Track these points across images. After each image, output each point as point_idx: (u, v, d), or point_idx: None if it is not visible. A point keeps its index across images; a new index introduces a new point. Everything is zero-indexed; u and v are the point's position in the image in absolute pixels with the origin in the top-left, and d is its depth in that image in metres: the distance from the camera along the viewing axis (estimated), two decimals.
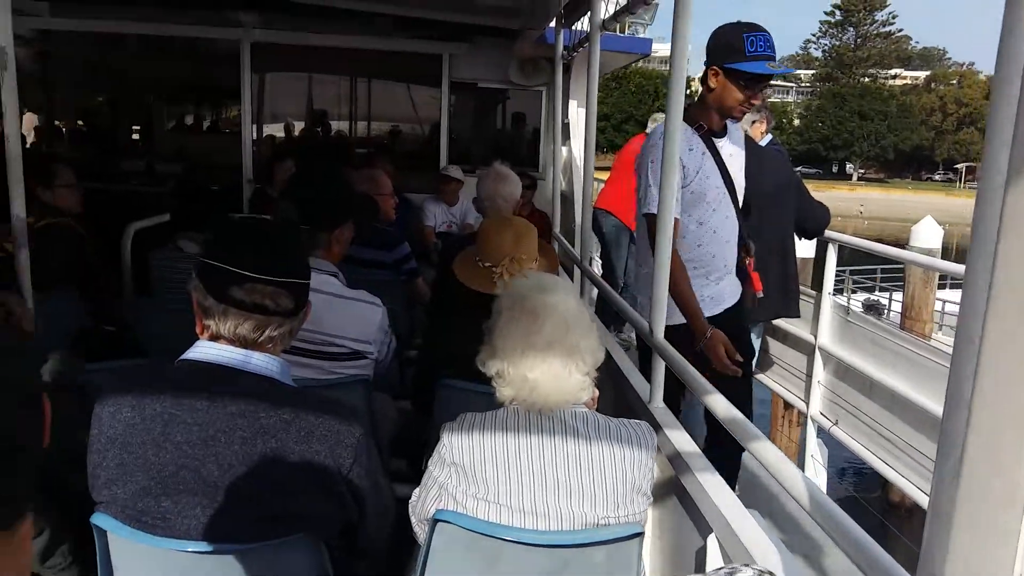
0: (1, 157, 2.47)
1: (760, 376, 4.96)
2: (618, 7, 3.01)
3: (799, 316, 4.16)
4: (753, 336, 3.73)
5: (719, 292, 2.82)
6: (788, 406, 6.17)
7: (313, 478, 1.45)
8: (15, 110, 2.51)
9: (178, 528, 1.42)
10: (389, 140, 7.50)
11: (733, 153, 2.79)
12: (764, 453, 1.51)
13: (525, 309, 1.54)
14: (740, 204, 2.81)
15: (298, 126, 7.65)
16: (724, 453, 2.41)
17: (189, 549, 1.41)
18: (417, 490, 1.73)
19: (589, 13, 3.21)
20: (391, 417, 2.77)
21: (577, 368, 1.52)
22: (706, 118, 2.68)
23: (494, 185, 3.16)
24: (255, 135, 6.20)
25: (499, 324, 1.57)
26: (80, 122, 11.16)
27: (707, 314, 2.64)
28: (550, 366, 1.50)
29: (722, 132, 2.75)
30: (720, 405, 1.68)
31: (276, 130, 7.49)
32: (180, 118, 11.34)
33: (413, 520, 1.75)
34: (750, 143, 3.39)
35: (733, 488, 2.06)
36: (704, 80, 2.64)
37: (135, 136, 10.73)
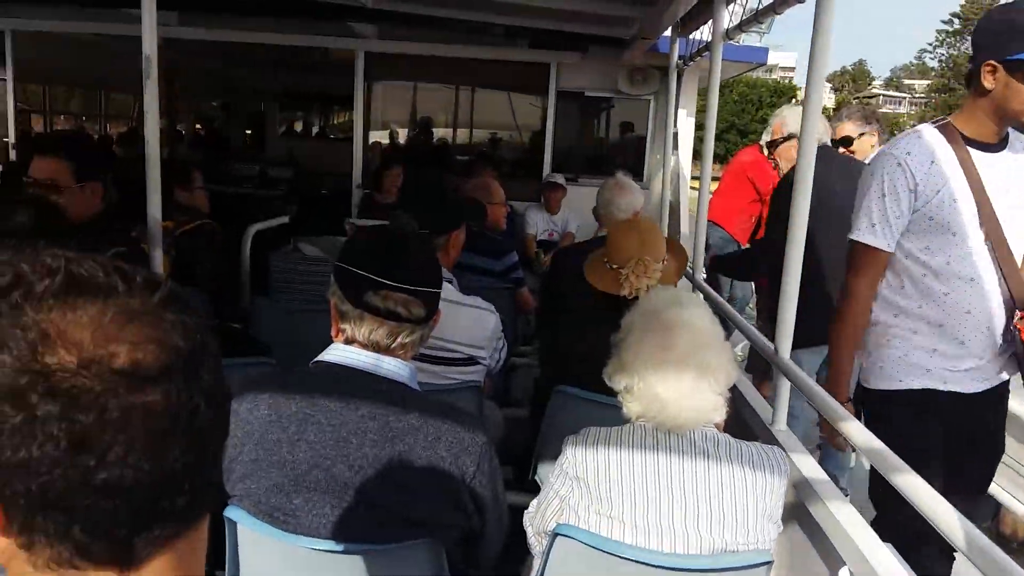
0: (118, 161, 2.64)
1: None
2: (743, 16, 2.93)
3: None
4: None
5: (976, 364, 2.14)
6: None
7: (438, 484, 1.46)
8: (155, 116, 2.65)
9: (307, 525, 1.45)
10: (489, 147, 7.58)
11: (1009, 173, 2.09)
12: (910, 485, 1.42)
13: (658, 324, 1.51)
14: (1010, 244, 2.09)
15: (404, 133, 7.81)
16: None
17: (316, 547, 1.44)
18: (535, 501, 1.72)
19: (711, 22, 3.14)
20: (498, 424, 2.78)
21: (710, 387, 1.48)
22: (975, 126, 2.06)
23: (611, 194, 3.14)
24: (364, 142, 6.35)
25: (629, 338, 1.54)
26: (198, 126, 11.76)
27: (952, 388, 2.11)
28: (682, 384, 1.46)
29: (998, 145, 2.10)
30: (858, 434, 1.60)
31: (381, 137, 7.66)
32: (290, 124, 11.81)
33: (529, 531, 1.74)
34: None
35: None
36: (971, 81, 2.09)
37: (248, 141, 11.23)
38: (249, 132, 11.35)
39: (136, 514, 0.63)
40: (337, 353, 1.53)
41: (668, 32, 4.39)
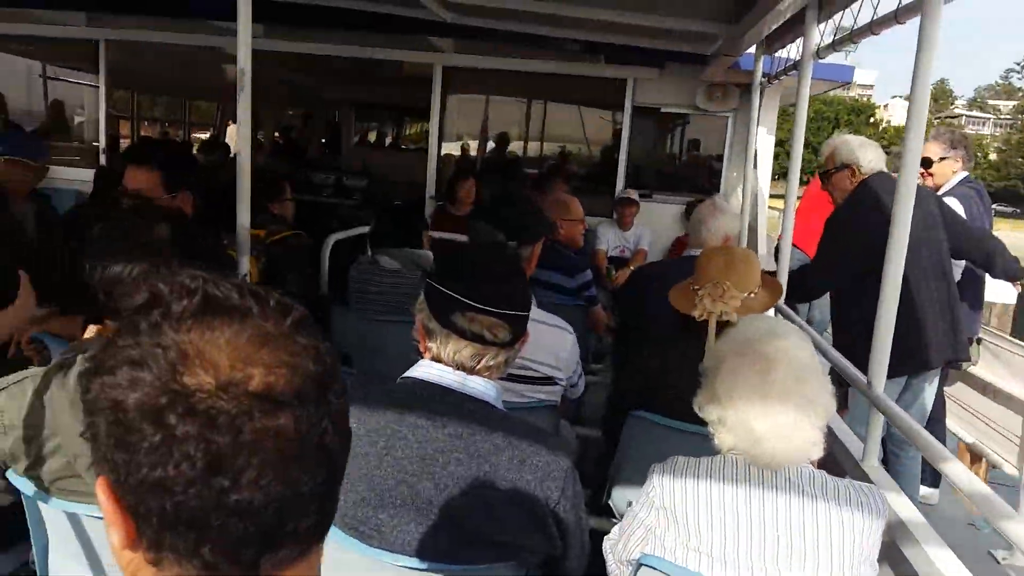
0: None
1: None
2: (835, 35, 2.85)
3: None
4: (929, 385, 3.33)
5: None
6: (975, 457, 5.63)
7: (522, 507, 1.44)
8: (248, 127, 2.72)
9: (391, 541, 1.44)
10: (560, 161, 7.58)
11: None
12: (1018, 533, 1.35)
13: (755, 355, 1.46)
14: None
15: (476, 145, 7.86)
16: None
17: (399, 563, 1.44)
18: (616, 528, 1.69)
19: (799, 40, 3.07)
20: (572, 444, 2.75)
21: (809, 423, 1.42)
22: None
23: (703, 215, 3.09)
24: (438, 153, 6.42)
25: (722, 368, 1.50)
26: (276, 135, 12.07)
27: None
28: (780, 419, 1.41)
29: None
30: (962, 475, 1.52)
31: (455, 149, 7.73)
32: (364, 134, 12.03)
33: (610, 559, 1.70)
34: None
35: None
36: None
37: (323, 150, 11.48)
38: (324, 142, 11.61)
39: (264, 535, 0.64)
40: (424, 370, 1.54)
41: (751, 49, 4.31)
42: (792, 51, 3.68)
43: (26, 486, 1.57)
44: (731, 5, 3.67)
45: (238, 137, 2.70)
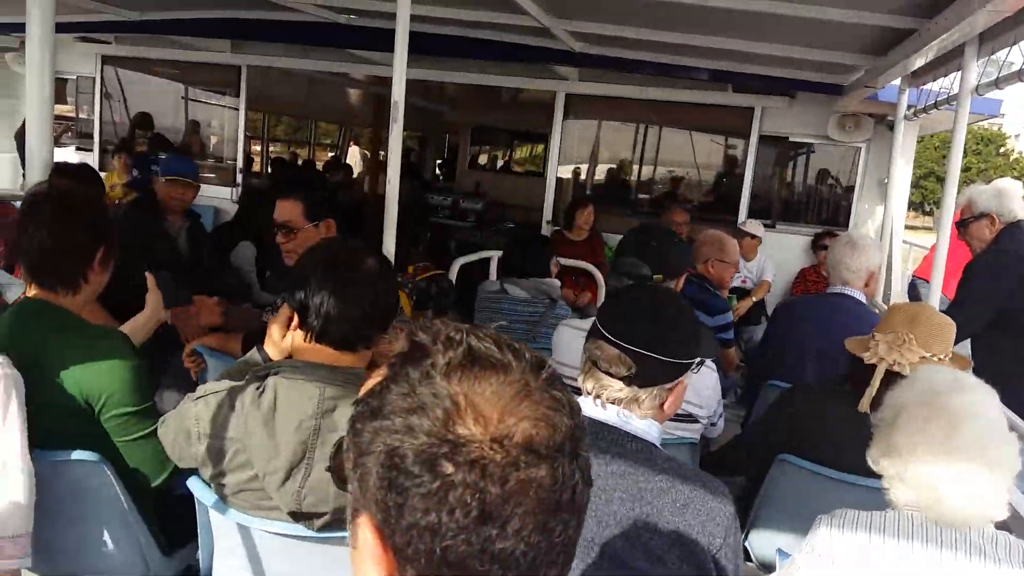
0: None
1: None
2: (1000, 72, 2.71)
3: None
4: None
5: None
6: None
7: (684, 551, 1.43)
8: (398, 156, 2.83)
9: None
10: (679, 189, 7.50)
11: None
12: None
13: (939, 408, 1.40)
14: None
15: (592, 170, 7.87)
16: None
17: None
18: None
19: (957, 74, 2.94)
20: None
21: (996, 484, 1.35)
22: None
23: (841, 253, 2.97)
24: (557, 179, 6.47)
25: (901, 419, 1.45)
26: None
27: None
28: (966, 478, 1.34)
29: None
30: None
31: (569, 173, 7.75)
32: (475, 157, 12.27)
33: None
34: None
35: None
36: None
37: (440, 172, 11.78)
38: (440, 163, 11.92)
39: None
40: (587, 407, 1.54)
41: (897, 82, 4.17)
42: (941, 83, 3.53)
43: (207, 495, 1.67)
44: (878, 37, 3.56)
45: (389, 167, 2.80)
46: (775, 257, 5.73)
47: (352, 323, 1.65)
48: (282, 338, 1.77)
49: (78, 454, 1.77)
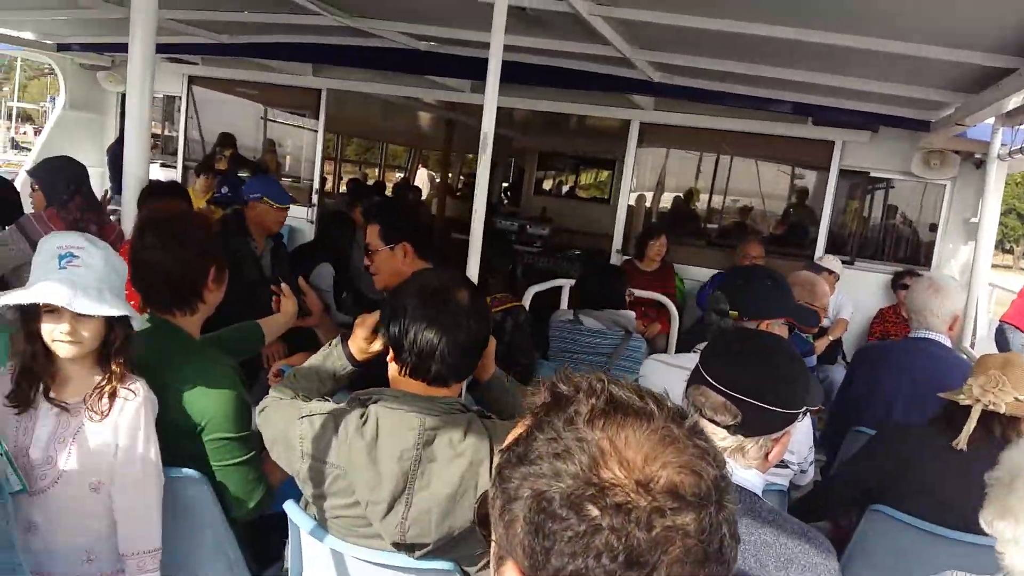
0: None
1: None
2: None
3: None
4: None
5: None
6: None
7: None
8: (486, 186, 2.86)
9: None
10: (741, 219, 7.40)
11: None
12: None
13: None
14: None
15: (662, 199, 7.83)
16: None
17: None
18: None
19: None
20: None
21: None
22: None
23: (924, 297, 2.88)
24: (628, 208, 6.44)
25: (1020, 482, 1.38)
26: (462, 177, 12.59)
27: None
28: None
29: None
30: None
31: (642, 202, 7.71)
32: (540, 182, 12.32)
33: None
34: None
35: None
36: None
37: (506, 197, 11.85)
38: (506, 188, 11.98)
39: None
40: None
41: (992, 120, 4.05)
42: None
43: (304, 520, 1.69)
44: (973, 75, 3.47)
45: (476, 198, 2.83)
46: (852, 295, 5.59)
47: (445, 361, 1.65)
48: (368, 344, 1.79)
49: (183, 472, 1.82)
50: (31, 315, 1.60)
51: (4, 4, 5.55)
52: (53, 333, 1.60)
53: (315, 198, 7.24)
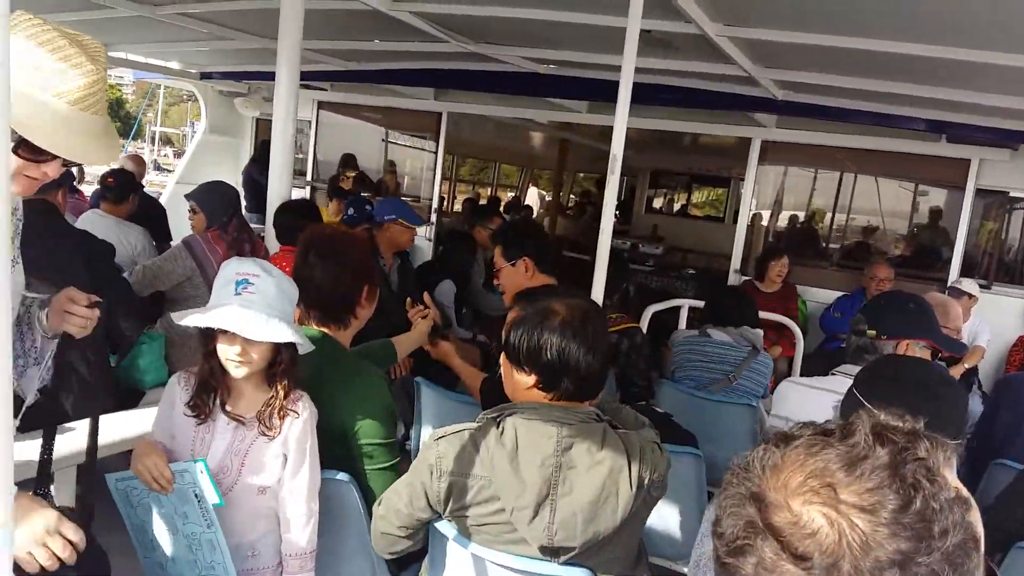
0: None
1: None
2: None
3: None
4: None
5: None
6: None
7: None
8: (612, 207, 2.92)
9: None
10: (865, 239, 7.13)
11: None
12: None
13: None
14: None
15: (778, 217, 7.65)
16: None
17: None
18: None
19: None
20: None
21: None
22: None
23: None
24: (748, 227, 6.32)
25: None
26: (572, 196, 12.68)
27: None
28: None
29: None
30: None
31: (761, 221, 7.56)
32: (650, 200, 12.24)
33: None
34: None
35: None
36: None
37: (616, 216, 11.81)
38: (616, 205, 11.96)
39: None
40: None
41: None
42: None
43: (447, 527, 1.77)
44: None
45: (603, 218, 2.89)
46: (990, 320, 5.30)
47: (578, 379, 1.70)
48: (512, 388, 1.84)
49: (334, 475, 1.94)
50: (208, 335, 1.76)
51: (155, 37, 6.03)
52: (227, 354, 1.74)
53: (433, 217, 7.46)
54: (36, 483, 1.85)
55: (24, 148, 1.33)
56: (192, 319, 1.72)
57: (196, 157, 8.28)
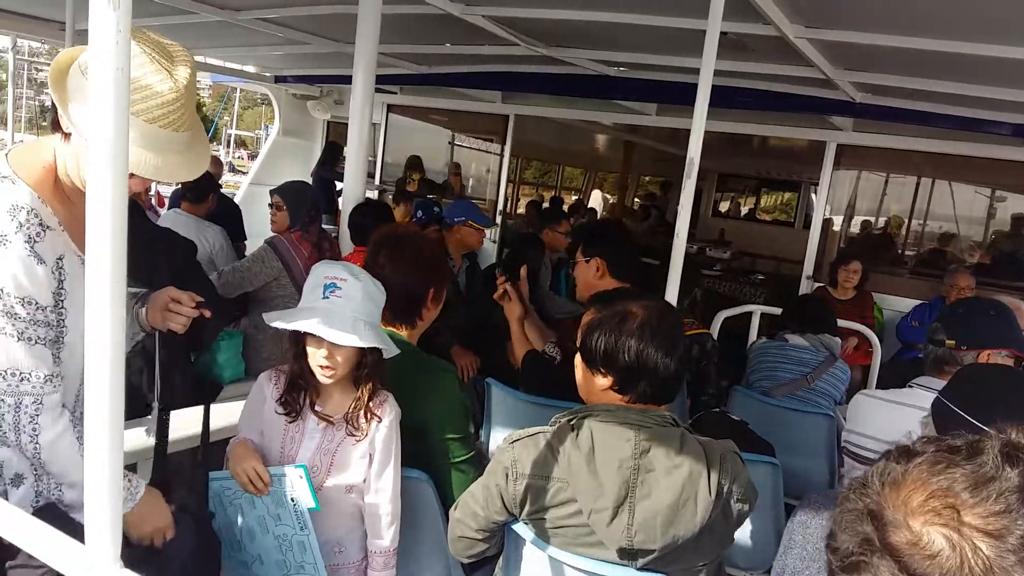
0: None
1: None
2: None
3: None
4: None
5: None
6: None
7: None
8: (688, 212, 2.88)
9: None
10: (942, 246, 6.88)
11: None
12: None
13: None
14: None
15: (859, 225, 7.44)
16: None
17: None
18: None
19: None
20: None
21: None
22: None
23: None
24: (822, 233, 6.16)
25: None
26: (637, 200, 12.57)
27: None
28: None
29: None
30: None
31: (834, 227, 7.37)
32: (716, 203, 12.05)
33: None
34: None
35: None
36: None
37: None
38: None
39: None
40: None
41: None
42: None
43: (524, 530, 1.78)
44: None
45: (678, 224, 2.86)
46: None
47: (656, 382, 1.70)
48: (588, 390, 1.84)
49: (411, 472, 1.96)
50: (298, 336, 1.80)
51: (234, 41, 6.21)
52: (315, 358, 1.78)
53: (498, 219, 7.49)
54: (154, 467, 1.92)
55: None
56: (281, 322, 1.76)
57: (269, 158, 8.49)
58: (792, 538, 1.52)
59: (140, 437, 2.02)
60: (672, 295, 2.87)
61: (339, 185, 7.48)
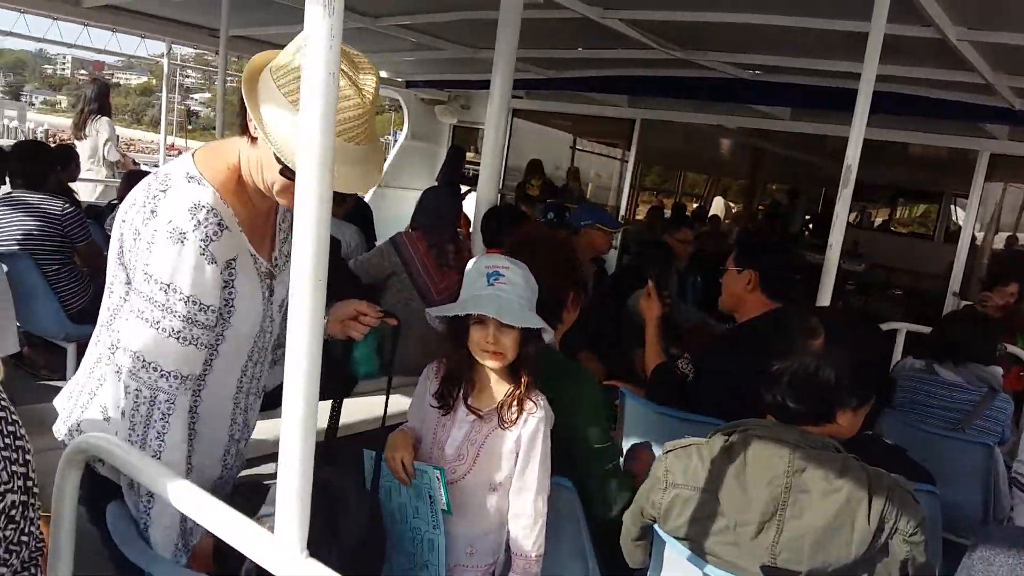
0: None
1: None
2: None
3: None
4: None
5: None
6: None
7: None
8: (843, 223, 2.76)
9: None
10: None
11: None
12: None
13: None
14: None
15: (993, 237, 6.93)
16: None
17: None
18: None
19: None
20: None
21: None
22: None
23: None
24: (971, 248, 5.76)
25: None
26: (760, 207, 12.17)
27: None
28: None
29: None
30: None
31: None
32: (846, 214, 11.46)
33: None
34: None
35: None
36: None
37: (808, 229, 11.21)
38: (809, 218, 11.33)
39: None
40: None
41: None
42: None
43: (672, 542, 1.74)
44: None
45: (832, 234, 2.75)
46: None
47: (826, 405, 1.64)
48: None
49: (555, 479, 1.95)
50: (460, 328, 1.81)
51: (370, 48, 6.41)
52: (481, 344, 1.78)
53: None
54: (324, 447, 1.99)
55: (286, 170, 1.45)
56: (446, 309, 1.80)
57: (397, 161, 8.71)
58: (971, 575, 1.42)
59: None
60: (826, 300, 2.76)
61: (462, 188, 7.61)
